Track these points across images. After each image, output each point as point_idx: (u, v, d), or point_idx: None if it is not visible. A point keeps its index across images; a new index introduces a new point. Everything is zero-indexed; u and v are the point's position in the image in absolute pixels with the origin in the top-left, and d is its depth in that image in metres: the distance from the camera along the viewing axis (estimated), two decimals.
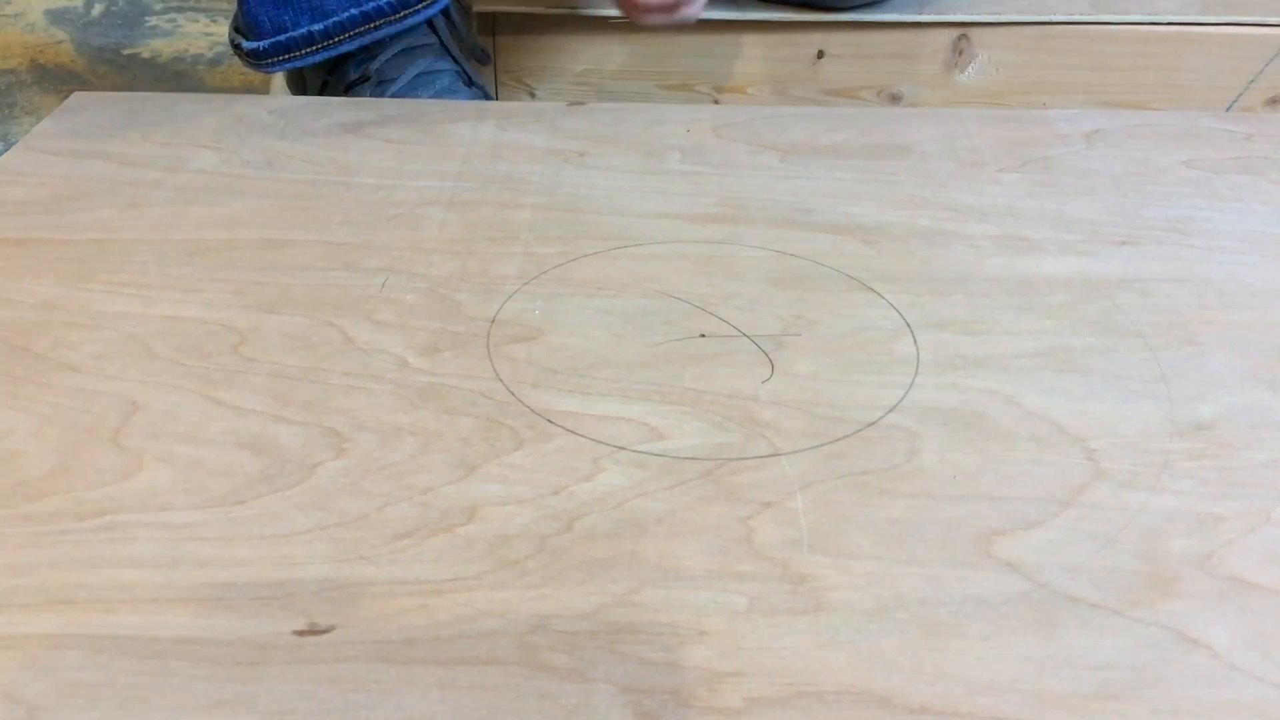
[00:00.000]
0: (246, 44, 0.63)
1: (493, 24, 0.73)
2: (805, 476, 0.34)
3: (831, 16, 0.72)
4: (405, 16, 0.65)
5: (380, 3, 0.64)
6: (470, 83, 0.71)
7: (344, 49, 0.63)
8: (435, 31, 0.67)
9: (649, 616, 0.29)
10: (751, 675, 0.27)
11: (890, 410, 0.36)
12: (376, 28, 0.64)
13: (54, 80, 1.02)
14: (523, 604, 0.29)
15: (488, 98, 0.71)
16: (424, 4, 0.66)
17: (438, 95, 0.67)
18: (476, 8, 0.71)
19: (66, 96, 0.59)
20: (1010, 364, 0.39)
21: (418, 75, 0.68)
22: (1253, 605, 0.29)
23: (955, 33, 0.70)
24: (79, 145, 0.53)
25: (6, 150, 0.53)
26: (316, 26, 0.61)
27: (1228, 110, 0.70)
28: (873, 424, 0.36)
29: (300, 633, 0.28)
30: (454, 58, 0.70)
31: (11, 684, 0.27)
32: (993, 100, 0.71)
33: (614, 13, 0.67)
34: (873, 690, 0.27)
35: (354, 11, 0.63)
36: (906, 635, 0.29)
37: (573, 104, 0.59)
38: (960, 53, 0.70)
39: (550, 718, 0.26)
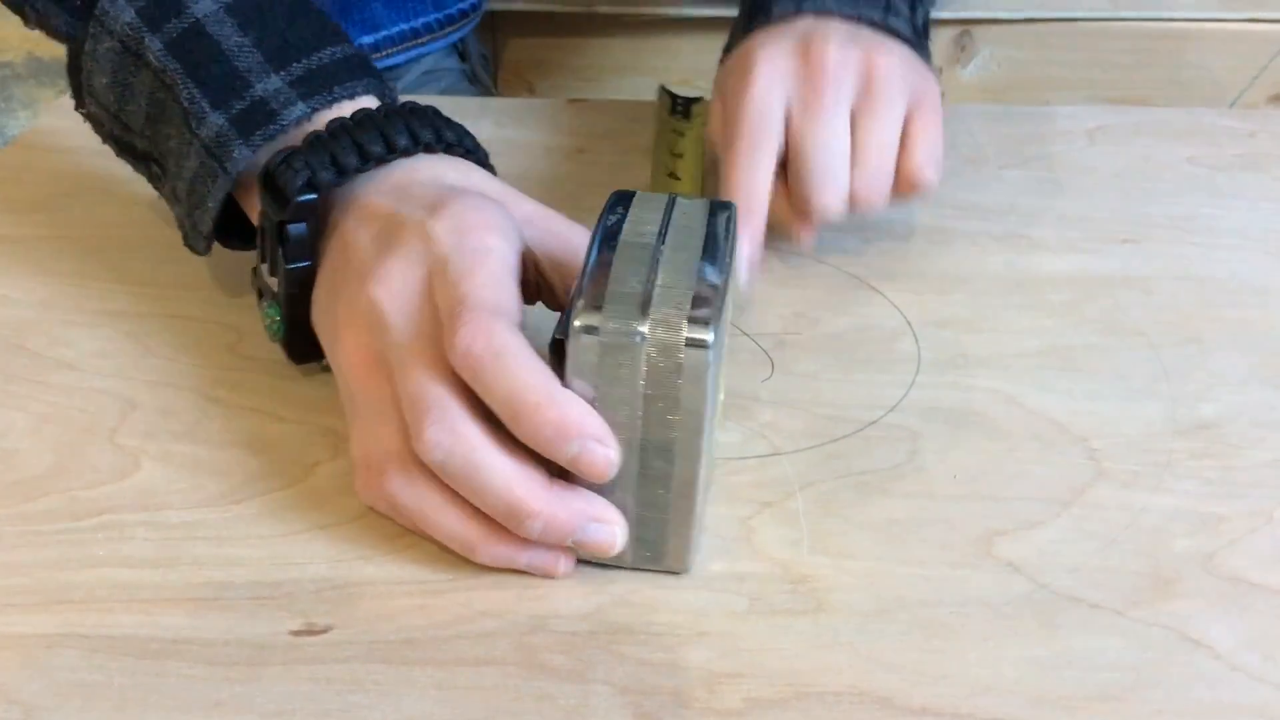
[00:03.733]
0: None
1: (494, 21, 0.73)
2: (805, 476, 0.33)
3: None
4: (449, 33, 0.66)
5: (428, 19, 0.65)
6: (474, 80, 0.71)
7: (389, 62, 0.63)
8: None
9: (648, 617, 0.29)
10: (751, 676, 0.27)
11: (891, 410, 0.36)
12: (423, 43, 0.65)
13: (50, 74, 1.01)
14: (521, 604, 0.29)
15: (489, 95, 0.71)
16: (465, 21, 0.67)
17: (441, 94, 0.67)
18: None
19: (63, 90, 0.59)
20: (1012, 363, 0.39)
21: (423, 73, 0.69)
22: (1255, 606, 0.29)
23: (958, 29, 0.70)
24: (77, 142, 0.53)
25: (4, 146, 0.53)
26: (366, 39, 0.62)
27: (1231, 106, 0.70)
28: (873, 423, 0.36)
29: (298, 633, 0.28)
30: (460, 55, 0.70)
31: (8, 684, 0.27)
32: (995, 96, 0.71)
33: (615, 10, 0.67)
34: (873, 691, 0.27)
35: (403, 27, 0.64)
36: (907, 636, 0.28)
37: (573, 100, 0.59)
38: (963, 49, 0.70)
39: (549, 718, 0.26)
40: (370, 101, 0.36)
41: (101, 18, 0.36)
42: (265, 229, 0.35)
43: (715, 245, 0.29)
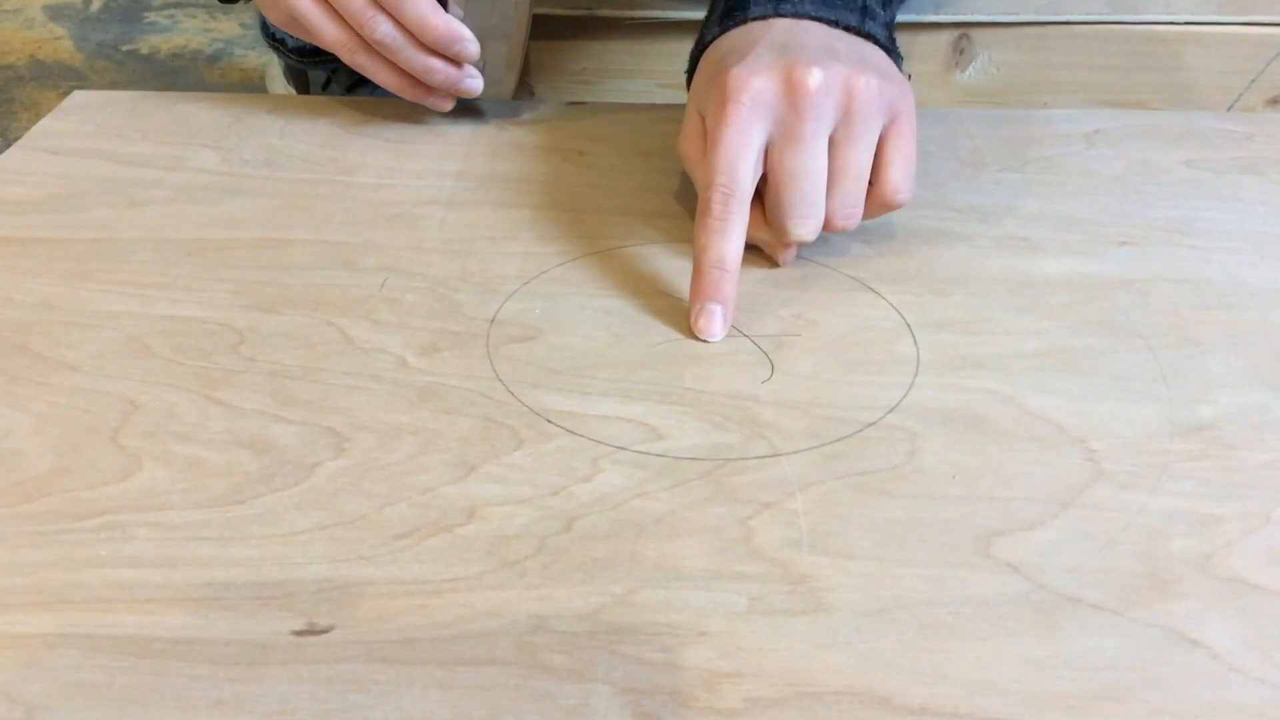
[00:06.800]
0: (293, 40, 0.63)
1: None
2: (805, 477, 0.34)
3: None
4: None
5: None
6: None
7: None
8: None
9: (648, 617, 0.29)
10: (751, 676, 0.27)
11: (890, 410, 0.36)
12: None
13: (52, 76, 1.02)
14: (522, 604, 0.29)
15: None
16: None
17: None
18: None
19: (65, 92, 0.59)
20: (1010, 364, 0.39)
21: None
22: (1253, 606, 0.29)
23: (956, 32, 0.70)
24: (78, 144, 0.53)
25: (6, 148, 0.53)
26: None
27: (1229, 110, 0.70)
28: (873, 424, 0.36)
29: (299, 633, 0.28)
30: None
31: (10, 684, 0.27)
32: (993, 100, 0.71)
33: (614, 13, 0.67)
34: (872, 691, 0.27)
35: None
36: (906, 636, 0.29)
37: (572, 103, 0.59)
38: (961, 52, 0.70)
39: (549, 718, 0.26)
40: None
41: None
42: None
43: None
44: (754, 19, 0.44)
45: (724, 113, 0.40)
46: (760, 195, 0.42)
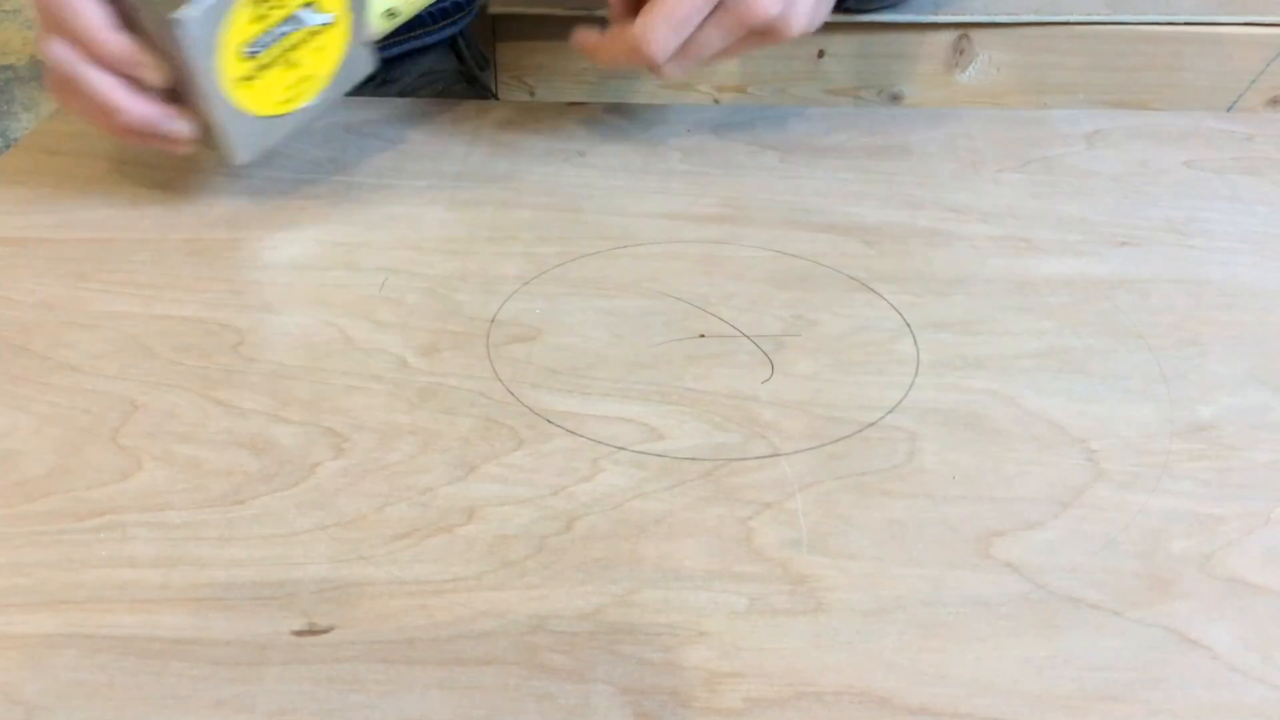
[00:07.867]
0: None
1: (493, 23, 0.73)
2: (805, 477, 0.34)
3: (835, 17, 0.72)
4: (443, 27, 0.66)
5: (421, 14, 0.65)
6: (472, 81, 0.71)
7: (385, 55, 0.64)
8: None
9: (648, 617, 0.29)
10: (751, 676, 0.27)
11: (890, 410, 0.36)
12: (416, 36, 0.65)
13: None
14: (522, 604, 0.29)
15: (488, 97, 0.71)
16: (461, 15, 0.67)
17: (440, 95, 0.68)
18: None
19: None
20: (1010, 364, 0.39)
21: (420, 75, 0.69)
22: (1253, 606, 0.29)
23: (956, 33, 0.70)
24: (78, 144, 0.53)
25: (6, 148, 0.53)
26: None
27: (1229, 110, 0.70)
28: (873, 424, 0.36)
29: (299, 633, 0.28)
30: (459, 56, 0.70)
31: (9, 684, 0.27)
32: (993, 100, 0.71)
33: None
34: (872, 691, 0.27)
35: None
36: (906, 636, 0.29)
37: (573, 103, 0.59)
38: (961, 52, 0.70)
39: (549, 718, 0.26)
40: None
41: None
42: None
43: None
44: None
45: None
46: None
